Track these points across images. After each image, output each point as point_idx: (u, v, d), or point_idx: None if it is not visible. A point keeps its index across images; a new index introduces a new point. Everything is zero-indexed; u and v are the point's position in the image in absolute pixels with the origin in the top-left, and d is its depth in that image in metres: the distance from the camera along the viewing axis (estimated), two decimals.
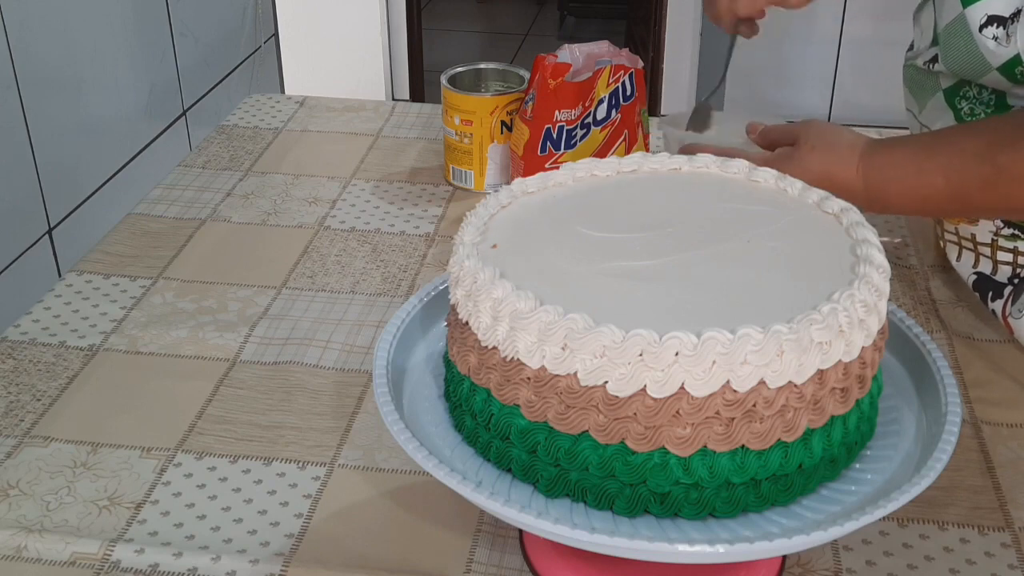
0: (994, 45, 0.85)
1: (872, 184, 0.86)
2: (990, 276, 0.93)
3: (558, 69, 1.10)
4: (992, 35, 0.85)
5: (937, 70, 0.92)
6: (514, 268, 0.65)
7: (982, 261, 0.95)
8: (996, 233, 0.93)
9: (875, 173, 0.86)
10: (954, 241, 0.97)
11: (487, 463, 0.67)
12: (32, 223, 1.39)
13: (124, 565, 0.72)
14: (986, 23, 0.86)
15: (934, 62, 0.93)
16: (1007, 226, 0.92)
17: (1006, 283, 0.93)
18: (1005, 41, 0.84)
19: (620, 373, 0.59)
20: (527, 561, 0.73)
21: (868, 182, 0.86)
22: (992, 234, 0.93)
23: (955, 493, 0.78)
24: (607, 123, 1.14)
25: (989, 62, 0.86)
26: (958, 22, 0.88)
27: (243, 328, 0.96)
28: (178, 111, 1.85)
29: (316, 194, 1.20)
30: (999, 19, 0.85)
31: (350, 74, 2.75)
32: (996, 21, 0.85)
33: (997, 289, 0.93)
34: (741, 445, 0.61)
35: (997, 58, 0.86)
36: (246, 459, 0.81)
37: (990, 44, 0.86)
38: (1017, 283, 0.92)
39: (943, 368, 0.70)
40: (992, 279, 0.93)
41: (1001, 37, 0.85)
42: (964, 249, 0.96)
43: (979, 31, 0.86)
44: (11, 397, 0.87)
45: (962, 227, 0.95)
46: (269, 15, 2.42)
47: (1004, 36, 0.84)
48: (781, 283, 0.65)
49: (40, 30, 1.39)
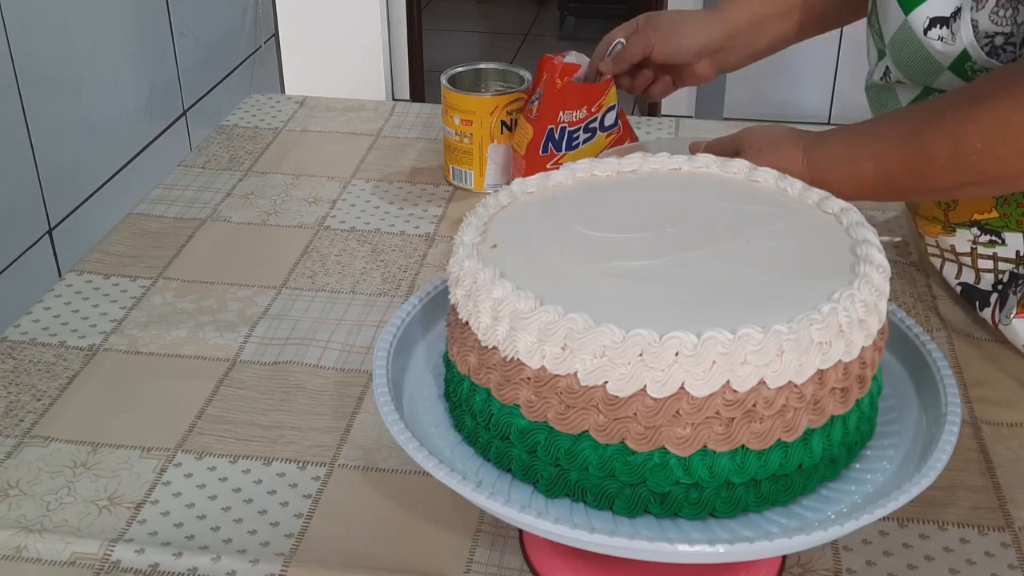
0: (941, 45, 0.88)
1: (817, 176, 0.88)
2: (974, 285, 0.94)
3: (567, 69, 1.10)
4: (938, 36, 0.88)
5: (895, 79, 0.94)
6: (514, 268, 0.65)
7: (964, 271, 0.95)
8: (974, 241, 0.93)
9: (816, 164, 0.89)
10: (936, 254, 0.98)
11: (487, 463, 0.67)
12: (32, 223, 1.39)
13: (124, 565, 0.72)
14: (929, 25, 0.88)
15: (888, 75, 0.94)
16: (984, 233, 0.92)
17: (991, 291, 0.93)
18: (951, 40, 0.86)
19: (620, 373, 0.59)
20: (527, 561, 0.73)
21: (812, 173, 0.89)
22: (970, 243, 0.93)
23: (955, 493, 0.78)
24: (613, 130, 1.15)
25: (940, 63, 0.88)
26: (903, 30, 0.90)
27: (243, 328, 0.96)
28: (178, 111, 1.85)
29: (316, 194, 1.20)
30: (942, 20, 0.87)
31: (350, 74, 2.75)
32: (939, 22, 0.88)
33: (983, 298, 0.93)
34: (741, 445, 0.61)
35: (946, 57, 0.88)
36: (246, 459, 0.81)
37: (937, 45, 0.88)
38: (1001, 289, 0.92)
39: (943, 368, 0.70)
40: (977, 288, 0.94)
41: (947, 36, 0.87)
42: (947, 261, 0.97)
43: (924, 34, 0.88)
44: (11, 397, 0.87)
45: (941, 239, 0.96)
46: (269, 15, 2.42)
47: (949, 35, 0.87)
48: (781, 283, 0.65)
49: (40, 30, 1.39)
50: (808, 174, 0.88)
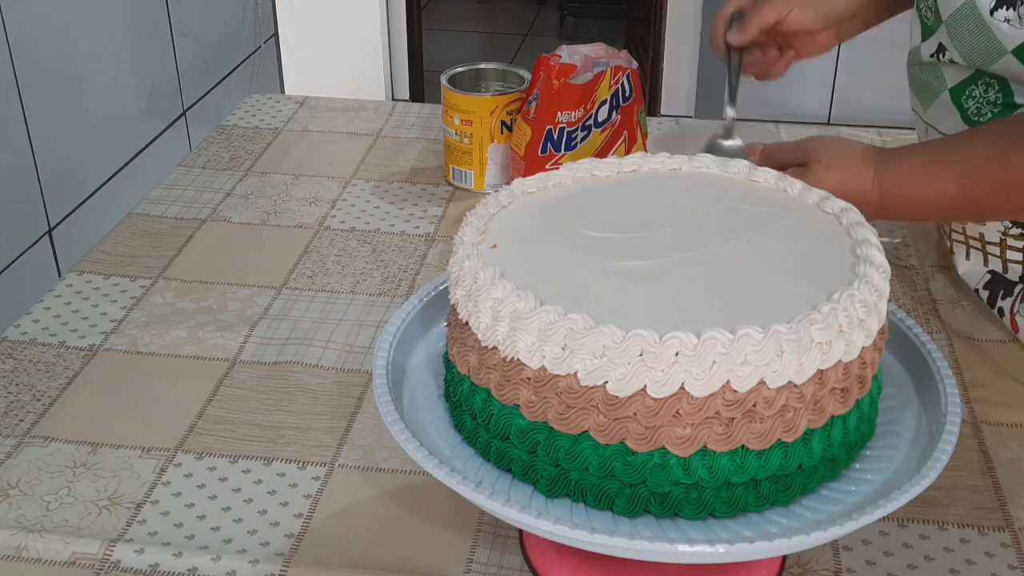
0: (1008, 28, 0.85)
1: (887, 194, 0.87)
2: (1001, 275, 0.94)
3: (563, 70, 1.10)
4: (1004, 17, 0.85)
5: (947, 59, 0.92)
6: (514, 268, 0.65)
7: (991, 260, 0.95)
8: (1004, 232, 0.93)
9: (889, 183, 0.87)
10: (961, 241, 0.97)
11: (487, 463, 0.67)
12: (32, 223, 1.39)
13: (124, 565, 0.72)
14: (996, 6, 0.86)
15: (942, 52, 0.93)
16: (1015, 225, 0.92)
17: (1017, 281, 0.93)
18: (1018, 22, 0.84)
19: (620, 373, 0.59)
20: (527, 561, 0.73)
21: (883, 193, 0.87)
22: (1000, 233, 0.93)
23: (955, 493, 0.78)
24: (607, 124, 1.14)
25: (1004, 45, 0.87)
26: (966, 7, 0.88)
27: (243, 328, 0.96)
28: (178, 111, 1.85)
29: (316, 194, 1.20)
30: (1009, 1, 0.85)
31: (350, 74, 2.75)
32: (1007, 3, 0.85)
33: (1008, 287, 0.93)
34: (741, 445, 0.61)
35: (1012, 40, 0.86)
36: (246, 459, 0.81)
37: (1004, 27, 0.86)
38: None
39: (943, 368, 0.70)
40: (1004, 277, 0.94)
41: (1014, 19, 0.85)
42: (972, 249, 0.96)
43: (990, 14, 0.86)
44: (11, 397, 0.87)
45: (970, 227, 0.96)
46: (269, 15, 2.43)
47: (1016, 18, 0.84)
48: (781, 283, 0.65)
49: (40, 30, 1.39)
50: (878, 194, 0.87)
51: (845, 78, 2.90)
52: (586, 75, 1.11)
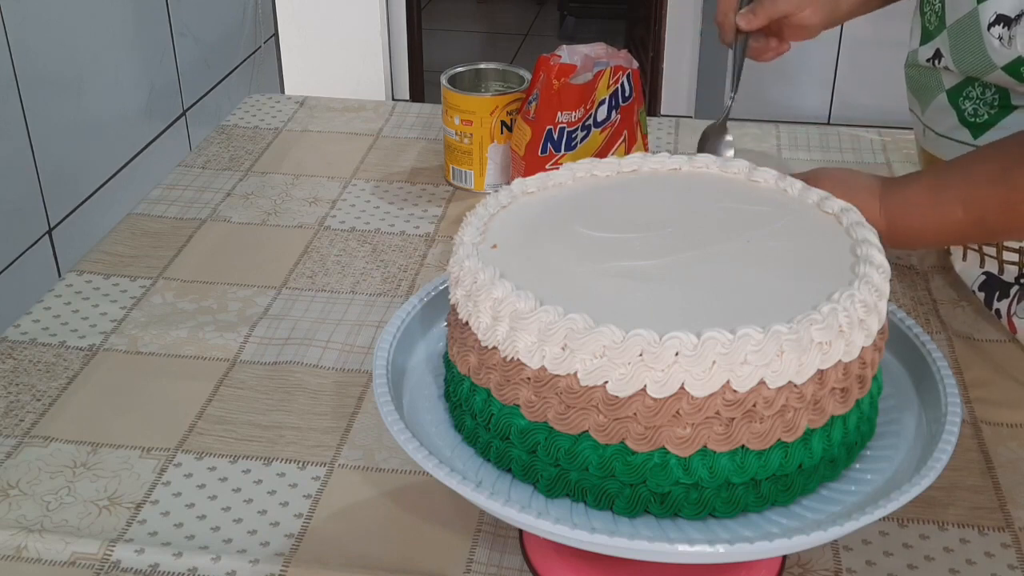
0: (998, 45, 0.86)
1: (894, 223, 0.87)
2: (997, 276, 0.94)
3: (563, 70, 1.10)
4: (997, 35, 0.86)
5: (941, 67, 0.92)
6: (514, 268, 0.65)
7: (987, 261, 0.95)
8: None
9: (895, 212, 0.87)
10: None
11: (487, 463, 0.67)
12: (32, 223, 1.39)
13: (124, 565, 0.72)
14: (994, 21, 0.86)
15: (937, 58, 0.93)
16: None
17: (1013, 283, 0.93)
18: (1008, 43, 0.85)
19: (620, 373, 0.59)
20: (527, 561, 0.73)
21: (890, 222, 0.87)
22: None
23: (955, 493, 0.78)
24: (607, 124, 1.14)
25: (994, 61, 0.87)
26: (969, 18, 0.88)
27: (243, 328, 0.96)
28: (178, 111, 1.85)
29: (316, 194, 1.20)
30: (1005, 19, 0.86)
31: (350, 74, 2.75)
32: (1003, 21, 0.86)
33: (1004, 289, 0.93)
34: (741, 445, 0.61)
35: (1001, 58, 0.87)
36: (246, 459, 0.81)
37: (995, 43, 0.86)
38: (1023, 283, 0.92)
39: (943, 368, 0.70)
40: (999, 279, 0.94)
41: (1004, 37, 0.85)
42: (969, 250, 0.96)
43: (987, 29, 0.87)
44: (11, 397, 0.87)
45: None
46: (269, 15, 2.43)
47: (1008, 37, 0.85)
48: (781, 283, 0.65)
49: (40, 30, 1.39)
50: (885, 223, 0.87)
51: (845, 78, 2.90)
52: (586, 75, 1.11)
